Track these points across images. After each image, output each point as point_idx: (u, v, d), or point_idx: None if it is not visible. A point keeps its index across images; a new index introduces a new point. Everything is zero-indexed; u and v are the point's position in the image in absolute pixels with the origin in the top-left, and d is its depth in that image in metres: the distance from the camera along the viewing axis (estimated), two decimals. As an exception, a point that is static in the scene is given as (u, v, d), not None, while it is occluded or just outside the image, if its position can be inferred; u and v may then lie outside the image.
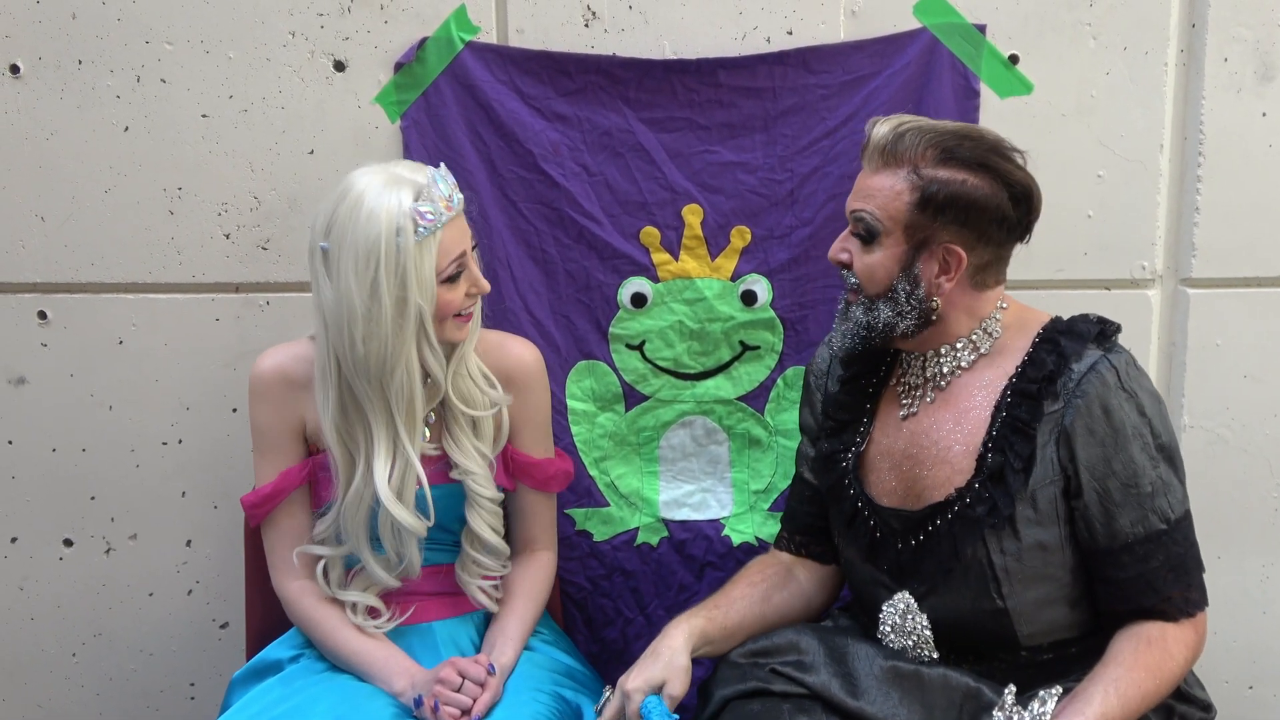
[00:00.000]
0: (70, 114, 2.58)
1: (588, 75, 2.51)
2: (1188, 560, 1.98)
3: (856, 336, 2.05)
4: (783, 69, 2.50)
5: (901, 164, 1.97)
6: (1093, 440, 1.94)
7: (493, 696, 2.12)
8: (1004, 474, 1.96)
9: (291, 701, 2.11)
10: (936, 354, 2.06)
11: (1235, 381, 2.65)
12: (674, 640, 2.06)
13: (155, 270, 2.64)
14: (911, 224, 1.97)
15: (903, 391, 2.12)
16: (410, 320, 2.07)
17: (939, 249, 1.97)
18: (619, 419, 2.65)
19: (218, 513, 2.75)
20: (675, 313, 2.60)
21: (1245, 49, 2.53)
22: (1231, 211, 2.58)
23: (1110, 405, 1.94)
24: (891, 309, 2.00)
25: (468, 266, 2.14)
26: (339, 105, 2.56)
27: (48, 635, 2.84)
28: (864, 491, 2.11)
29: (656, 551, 2.67)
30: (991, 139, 2.00)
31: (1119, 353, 1.99)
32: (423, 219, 2.05)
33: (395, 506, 2.14)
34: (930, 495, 2.03)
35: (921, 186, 1.95)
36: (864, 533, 2.10)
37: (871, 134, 2.00)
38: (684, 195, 2.55)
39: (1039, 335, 2.03)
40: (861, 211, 2.01)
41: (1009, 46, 2.52)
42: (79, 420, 2.72)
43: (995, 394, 2.01)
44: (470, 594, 2.30)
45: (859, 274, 2.03)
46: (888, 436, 2.11)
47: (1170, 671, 1.94)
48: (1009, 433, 1.96)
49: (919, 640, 2.06)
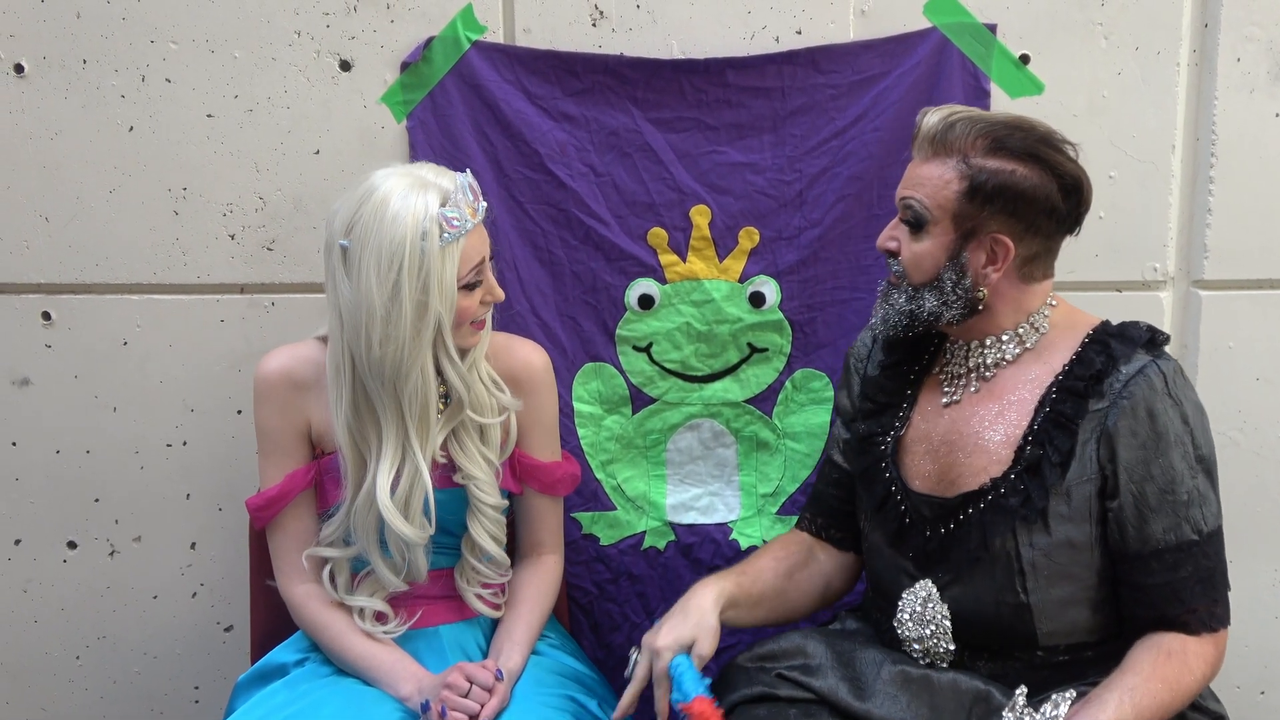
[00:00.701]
0: (75, 114, 2.57)
1: (595, 75, 2.50)
2: (1215, 575, 1.98)
3: (898, 324, 2.05)
4: (791, 69, 2.49)
5: (951, 153, 1.97)
6: (1135, 442, 1.94)
7: (500, 702, 2.10)
8: (1041, 467, 1.96)
9: (296, 705, 2.10)
10: (981, 344, 2.06)
11: (1248, 384, 2.64)
12: (703, 600, 2.05)
13: (160, 271, 2.63)
14: (960, 213, 1.97)
15: (945, 379, 2.12)
16: (429, 326, 2.06)
17: (987, 239, 1.97)
18: (626, 421, 2.64)
19: (222, 515, 2.74)
20: (683, 314, 2.58)
21: (1258, 49, 2.51)
22: (1244, 213, 2.57)
23: (1155, 409, 1.94)
24: (936, 298, 2.01)
25: (485, 274, 2.13)
26: (345, 105, 2.55)
27: (52, 638, 2.83)
28: (899, 475, 2.11)
29: (663, 555, 2.66)
30: (1043, 130, 1.99)
31: (1168, 360, 1.99)
32: (449, 225, 2.03)
33: (393, 515, 2.12)
34: (965, 483, 2.03)
35: (970, 176, 1.95)
36: (894, 517, 2.10)
37: (922, 123, 2.01)
38: (692, 196, 2.54)
39: (1089, 336, 2.03)
40: (911, 199, 2.01)
41: (1020, 46, 2.51)
42: (83, 422, 2.71)
43: (1040, 389, 2.01)
44: (468, 601, 2.29)
45: (905, 262, 2.03)
46: (927, 421, 2.11)
47: (1188, 686, 1.93)
48: (1051, 427, 1.97)
49: (937, 630, 2.04)
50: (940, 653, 2.05)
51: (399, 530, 2.13)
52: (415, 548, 2.18)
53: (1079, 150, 2.00)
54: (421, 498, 2.14)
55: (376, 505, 2.13)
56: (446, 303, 2.06)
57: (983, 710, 1.95)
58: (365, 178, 2.08)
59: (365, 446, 2.15)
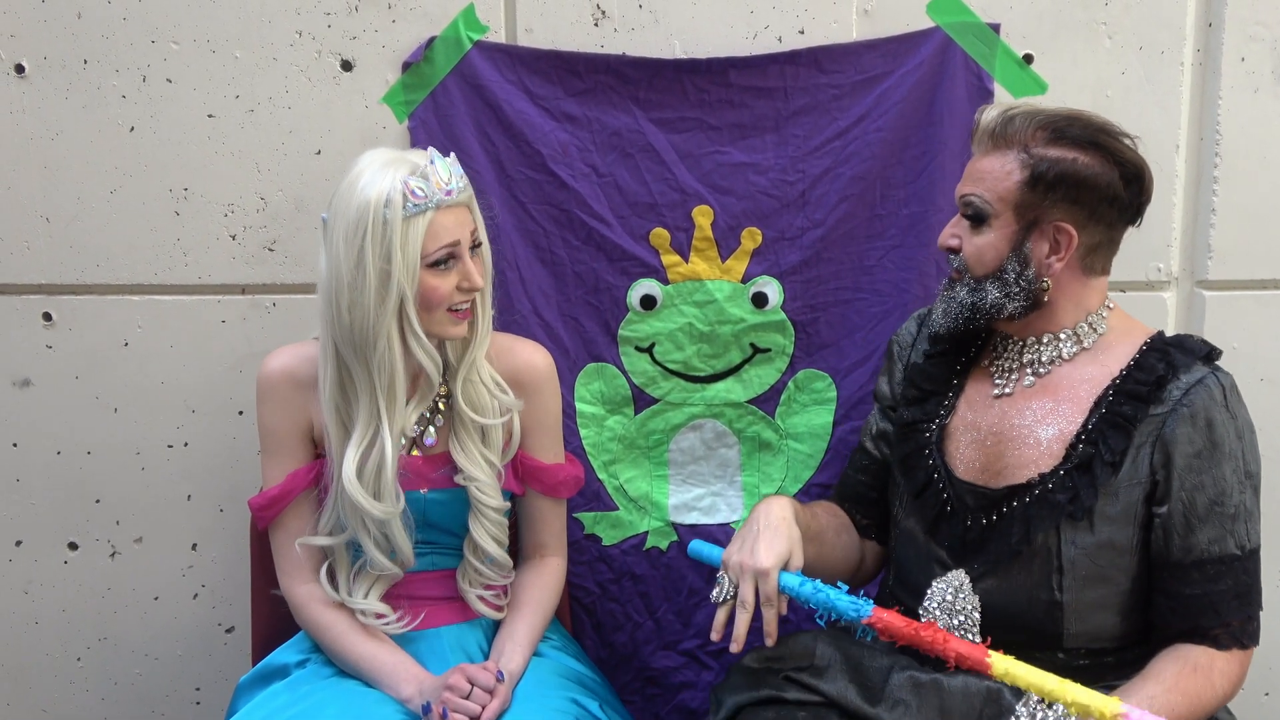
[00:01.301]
0: (75, 114, 2.57)
1: (597, 75, 2.50)
2: (1252, 592, 1.98)
3: (960, 316, 2.05)
4: (794, 69, 2.49)
5: (1011, 145, 1.99)
6: (1191, 450, 1.94)
7: (501, 704, 2.10)
8: (1093, 465, 1.96)
9: (298, 707, 2.10)
10: (1038, 340, 2.07)
11: (1252, 385, 2.61)
12: (784, 511, 2.01)
13: (161, 272, 2.63)
14: (1022, 203, 1.98)
15: (996, 372, 2.12)
16: (392, 296, 2.06)
17: (1049, 228, 1.98)
18: (628, 422, 2.63)
19: (223, 516, 2.74)
20: (685, 315, 2.58)
21: (1263, 48, 2.51)
22: (1248, 213, 2.56)
23: (1214, 420, 1.95)
24: (999, 289, 2.01)
25: (460, 258, 2.12)
26: (346, 105, 2.55)
27: (52, 639, 2.83)
28: (943, 461, 2.10)
29: (666, 556, 2.65)
30: (1100, 120, 2.01)
31: (1225, 374, 2.00)
32: (413, 195, 2.04)
33: (355, 489, 2.13)
34: (1012, 475, 2.02)
35: (1032, 165, 1.96)
36: (934, 504, 2.09)
37: (980, 119, 2.02)
38: (694, 196, 2.53)
39: (1146, 343, 2.04)
40: (970, 195, 2.02)
41: (1023, 46, 2.50)
42: (84, 423, 2.71)
43: (1098, 389, 2.01)
44: (470, 603, 2.29)
45: (967, 256, 2.04)
46: (974, 411, 2.11)
47: (1209, 701, 1.93)
48: (1106, 427, 1.97)
49: (965, 621, 2.03)
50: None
51: (363, 506, 2.13)
52: (389, 524, 2.17)
53: (1138, 142, 2.02)
54: (391, 473, 2.14)
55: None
56: (409, 275, 2.06)
57: (994, 711, 1.94)
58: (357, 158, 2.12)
59: (348, 425, 2.16)
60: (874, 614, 1.89)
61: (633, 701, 2.64)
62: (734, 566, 1.95)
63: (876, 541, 2.32)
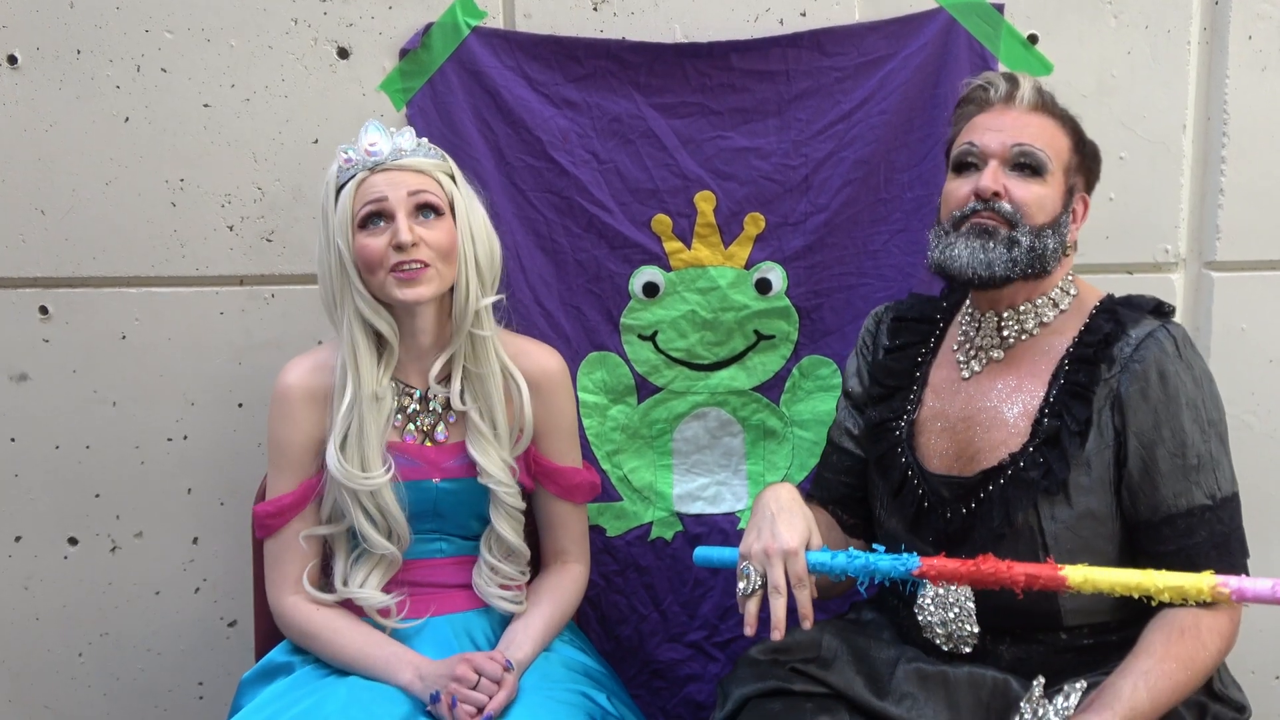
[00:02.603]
0: (70, 105, 2.55)
1: (597, 60, 2.48)
2: (1231, 541, 1.95)
3: (1021, 263, 1.98)
4: (796, 51, 2.46)
5: (1051, 113, 2.05)
6: (1145, 405, 1.93)
7: (508, 694, 2.09)
8: (1060, 438, 1.95)
9: (303, 704, 2.08)
10: (1015, 311, 2.07)
11: (1260, 366, 2.61)
12: (790, 493, 2.00)
13: (158, 264, 2.61)
14: (1069, 166, 2.04)
15: (970, 350, 2.10)
16: (334, 262, 2.16)
17: (1079, 196, 2.07)
18: (631, 411, 2.61)
19: (224, 509, 2.73)
20: (688, 302, 2.56)
21: (1270, 26, 2.49)
22: (1256, 193, 2.54)
23: (1166, 371, 1.93)
24: (1056, 241, 2.01)
25: (390, 215, 2.12)
26: (343, 93, 2.53)
27: (54, 635, 2.82)
28: (915, 459, 2.09)
29: (671, 546, 2.64)
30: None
31: (1176, 326, 2.00)
32: (347, 163, 2.15)
33: (335, 457, 2.16)
34: (984, 460, 2.01)
35: (1078, 134, 2.06)
36: (911, 502, 2.08)
37: (1017, 82, 2.06)
38: (696, 182, 2.51)
39: (1095, 307, 2.04)
40: (1027, 145, 2.01)
41: (1028, 26, 2.48)
42: (82, 417, 2.69)
43: (1055, 360, 2.01)
44: (490, 602, 2.28)
45: (1027, 202, 2.00)
46: (941, 400, 2.10)
47: (1203, 663, 1.89)
48: (1067, 397, 1.96)
49: (960, 614, 2.01)
50: (964, 636, 2.02)
51: (346, 481, 2.15)
52: (380, 494, 2.17)
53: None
54: (372, 438, 2.17)
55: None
56: (344, 238, 2.14)
57: (1001, 704, 1.93)
58: None
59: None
60: (923, 564, 1.87)
61: (639, 695, 2.63)
62: (758, 555, 1.91)
63: (864, 540, 2.28)
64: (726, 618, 2.64)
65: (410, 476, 2.21)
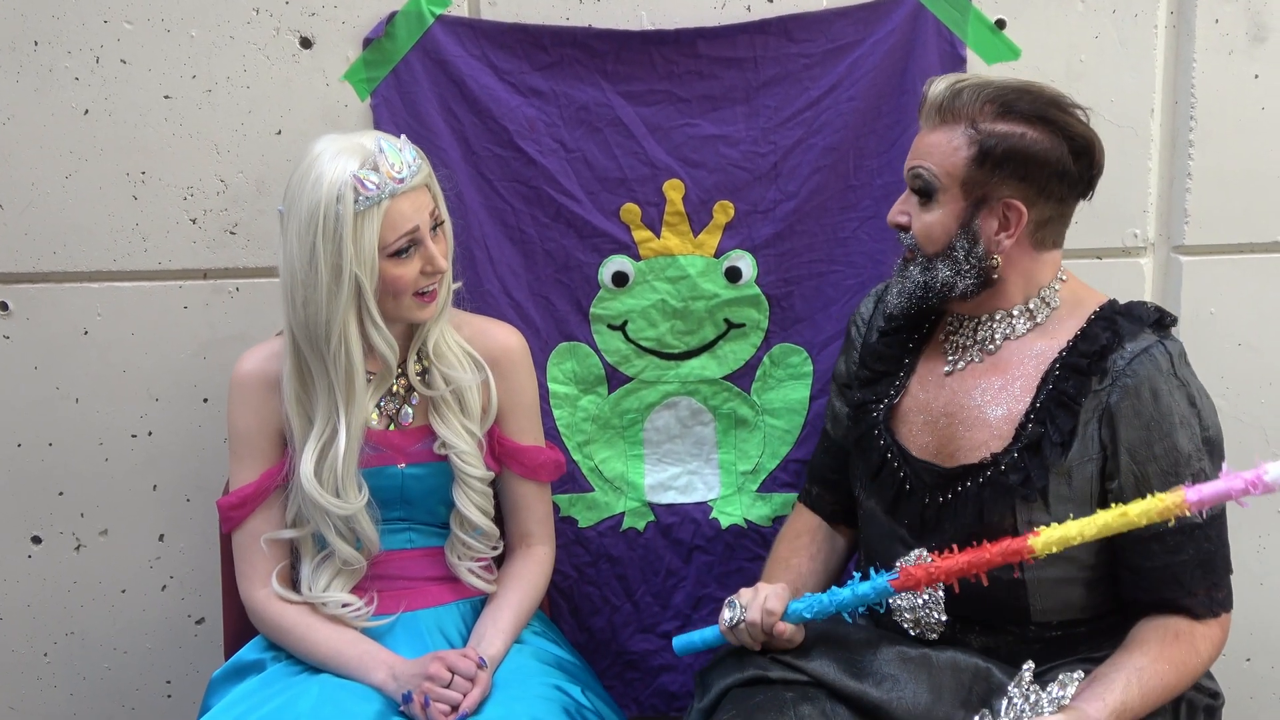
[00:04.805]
0: (27, 97, 2.51)
1: (563, 48, 2.46)
2: (1216, 559, 1.96)
3: (913, 296, 2.02)
4: (764, 38, 2.45)
5: (959, 120, 1.95)
6: (1138, 422, 1.91)
7: (482, 691, 2.08)
8: (1042, 446, 1.93)
9: (274, 703, 2.08)
10: (991, 318, 2.03)
11: (1230, 350, 2.63)
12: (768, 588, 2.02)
13: (120, 258, 2.58)
14: (969, 179, 1.95)
15: (949, 349, 2.09)
16: (345, 289, 2.06)
17: (999, 205, 1.95)
18: (602, 401, 2.60)
19: (191, 505, 2.70)
20: (658, 291, 2.55)
21: (1236, 10, 2.49)
22: (1224, 176, 2.55)
23: (1160, 389, 1.91)
24: (950, 268, 1.98)
25: (422, 243, 2.10)
26: (306, 84, 2.50)
27: (18, 635, 2.79)
28: (894, 440, 2.08)
29: (643, 536, 2.63)
30: (1051, 93, 1.98)
31: (1174, 342, 1.97)
32: (364, 188, 2.03)
33: (313, 486, 2.13)
34: (964, 456, 2.00)
35: (979, 141, 1.93)
36: (891, 484, 2.07)
37: (929, 92, 1.99)
38: (665, 170, 2.50)
39: (1095, 313, 2.01)
40: (919, 168, 1.98)
41: (995, 11, 2.48)
42: (44, 414, 2.66)
43: (1045, 365, 1.99)
44: (462, 577, 2.28)
45: (917, 233, 2.00)
46: (926, 391, 2.09)
47: (1194, 668, 1.92)
48: (1053, 405, 1.94)
49: (929, 600, 2.02)
50: (931, 623, 2.03)
51: (323, 504, 2.13)
52: (356, 519, 2.16)
53: (1090, 114, 1.99)
54: (350, 468, 2.14)
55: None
56: (366, 268, 2.05)
57: (983, 689, 1.93)
58: (311, 143, 2.11)
59: (310, 416, 2.16)
60: (900, 579, 1.89)
61: (612, 686, 2.62)
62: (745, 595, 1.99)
63: (845, 525, 2.30)
64: (700, 608, 2.64)
65: (374, 463, 2.20)
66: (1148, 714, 1.87)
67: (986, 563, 1.85)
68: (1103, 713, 1.81)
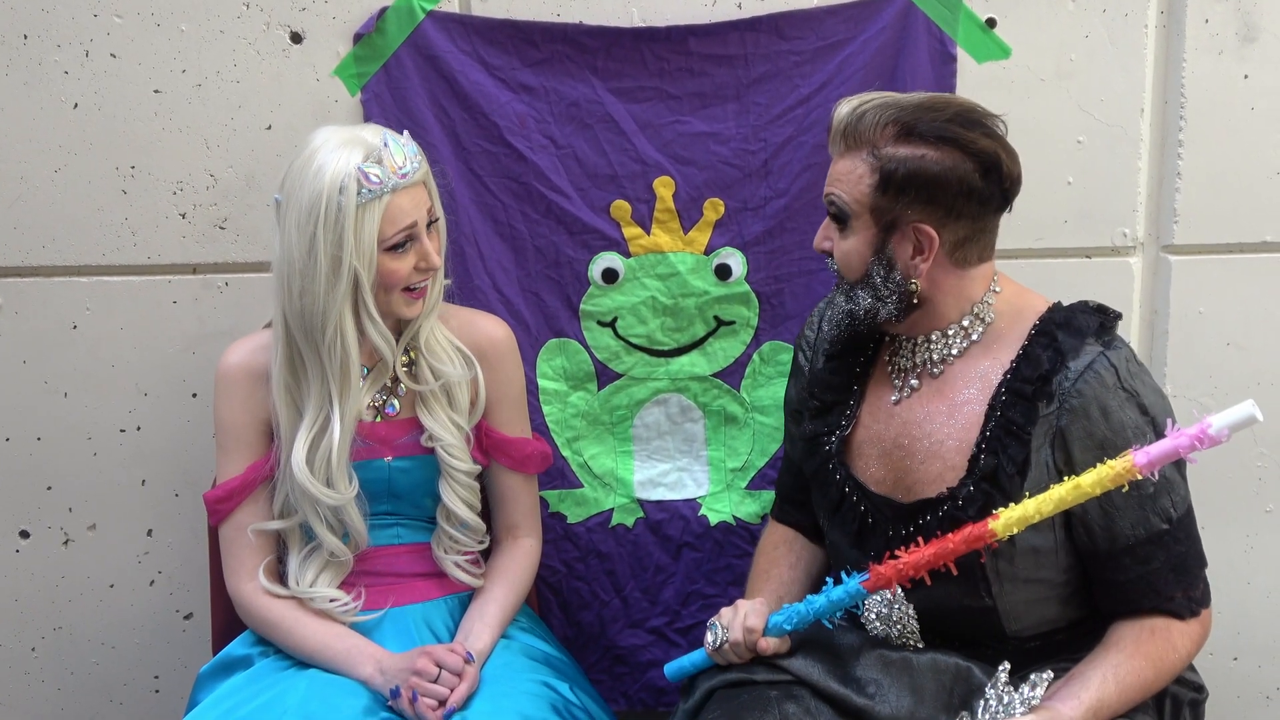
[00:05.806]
0: (16, 91, 2.51)
1: (554, 44, 2.46)
2: (1189, 559, 1.93)
3: (842, 325, 2.00)
4: (755, 35, 2.45)
5: (861, 145, 1.90)
6: (1090, 443, 1.87)
7: (470, 686, 2.08)
8: (998, 477, 1.89)
9: (262, 698, 2.07)
10: (927, 339, 2.00)
11: (1218, 350, 2.62)
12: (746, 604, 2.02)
13: (109, 252, 2.58)
14: (876, 207, 1.90)
15: (893, 373, 2.06)
16: (343, 281, 2.06)
17: (909, 229, 1.89)
18: (591, 398, 2.60)
19: (179, 501, 2.70)
20: (648, 288, 2.55)
21: (1227, 10, 2.49)
22: (1214, 176, 2.55)
23: (1109, 406, 1.87)
24: (871, 294, 1.94)
25: (418, 239, 2.11)
26: (297, 78, 2.50)
27: (5, 630, 2.78)
28: (851, 476, 2.06)
29: (632, 533, 2.63)
30: (955, 109, 1.90)
31: (1118, 349, 1.92)
32: (367, 180, 2.04)
33: (305, 476, 2.13)
34: (921, 490, 1.97)
35: (880, 167, 1.88)
36: (853, 519, 2.05)
37: (834, 116, 1.93)
38: (655, 167, 2.50)
39: (1035, 327, 1.95)
40: (832, 195, 1.95)
41: (986, 10, 2.47)
42: (33, 408, 2.66)
43: (990, 388, 1.94)
44: (448, 571, 2.28)
45: (838, 260, 1.98)
46: (878, 422, 2.05)
47: (1172, 663, 1.91)
48: (1003, 434, 1.90)
49: (904, 630, 2.02)
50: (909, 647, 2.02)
51: (314, 494, 2.13)
52: (343, 509, 2.16)
53: (1005, 124, 1.93)
54: (343, 459, 2.14)
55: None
56: (364, 260, 2.06)
57: (964, 689, 1.93)
58: (311, 135, 2.11)
59: (300, 407, 2.16)
60: (871, 580, 1.89)
61: (601, 681, 2.62)
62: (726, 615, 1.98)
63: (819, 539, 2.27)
64: (688, 604, 2.64)
65: (362, 456, 2.20)
66: (1128, 711, 1.86)
67: (952, 552, 1.83)
68: (1077, 711, 1.81)
